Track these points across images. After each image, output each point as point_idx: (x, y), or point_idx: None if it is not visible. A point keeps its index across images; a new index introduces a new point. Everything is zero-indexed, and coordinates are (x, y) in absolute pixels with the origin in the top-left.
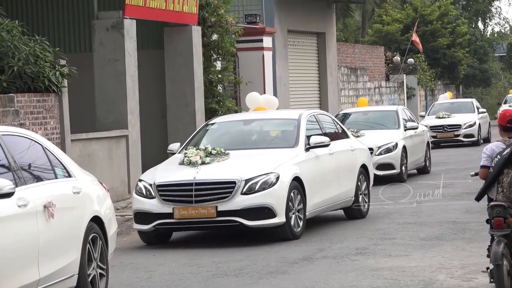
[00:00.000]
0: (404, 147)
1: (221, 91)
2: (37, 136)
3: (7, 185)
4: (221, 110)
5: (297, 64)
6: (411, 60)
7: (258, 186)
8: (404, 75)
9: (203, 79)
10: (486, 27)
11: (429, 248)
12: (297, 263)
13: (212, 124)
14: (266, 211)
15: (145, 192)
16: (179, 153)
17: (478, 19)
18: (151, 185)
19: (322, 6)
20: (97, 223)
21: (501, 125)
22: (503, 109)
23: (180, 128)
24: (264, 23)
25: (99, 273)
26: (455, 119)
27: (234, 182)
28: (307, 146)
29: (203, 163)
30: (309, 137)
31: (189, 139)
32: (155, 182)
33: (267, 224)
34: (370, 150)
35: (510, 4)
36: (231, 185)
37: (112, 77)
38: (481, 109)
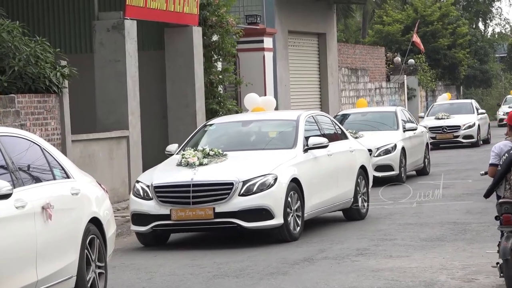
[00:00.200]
0: (403, 148)
1: (221, 92)
2: (35, 137)
3: (4, 186)
4: (221, 111)
5: (298, 65)
6: (411, 61)
7: (255, 188)
8: (405, 75)
9: (204, 80)
10: (486, 27)
11: (430, 249)
12: (298, 264)
13: (211, 125)
14: (264, 213)
15: (142, 194)
16: (177, 154)
17: (479, 20)
18: (148, 186)
19: (323, 7)
20: (95, 224)
21: (509, 125)
22: (502, 110)
23: (181, 128)
24: (265, 24)
25: (98, 274)
26: (454, 120)
27: (231, 184)
28: (305, 147)
29: (200, 164)
30: (308, 138)
31: (187, 140)
32: (152, 184)
33: (265, 225)
34: (368, 152)
35: (511, 4)
36: (228, 186)
37: (113, 78)
38: (481, 110)
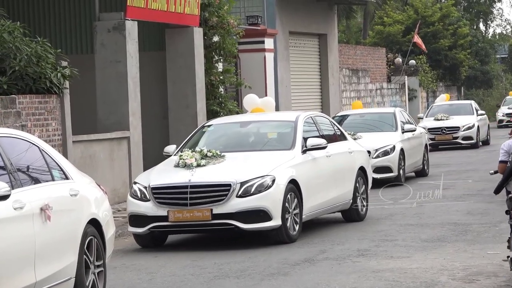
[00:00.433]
0: (402, 149)
1: (222, 92)
2: (33, 138)
3: (3, 187)
4: (222, 112)
5: (299, 66)
6: (412, 62)
7: (253, 189)
8: (406, 76)
9: (205, 81)
10: (487, 28)
11: (430, 249)
12: (298, 264)
13: (209, 126)
14: (262, 214)
15: (139, 195)
16: (174, 155)
17: (480, 21)
18: (146, 187)
19: (324, 8)
20: (94, 225)
21: None
22: (502, 111)
23: (182, 129)
24: (266, 25)
25: (97, 276)
26: (453, 121)
27: (229, 185)
28: (304, 148)
29: (198, 165)
30: (306, 139)
31: (185, 141)
32: (150, 185)
33: (263, 227)
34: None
35: None
36: (226, 187)
37: (114, 79)
38: (480, 111)
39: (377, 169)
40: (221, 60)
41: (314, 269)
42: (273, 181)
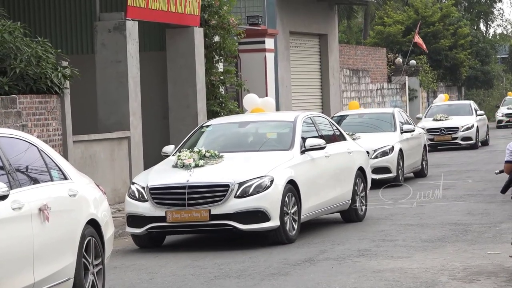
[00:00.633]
0: (401, 150)
1: (223, 92)
2: (32, 138)
3: (1, 187)
4: (223, 112)
5: (299, 66)
6: (413, 62)
7: (251, 190)
8: (406, 76)
9: (205, 81)
10: (488, 29)
11: (431, 249)
12: (299, 264)
13: (207, 126)
14: (260, 215)
15: (137, 195)
16: (173, 155)
17: (480, 21)
18: (143, 188)
19: (324, 8)
20: (93, 226)
21: None
22: (501, 111)
23: (182, 129)
24: (266, 25)
25: (96, 276)
26: (452, 121)
27: (227, 185)
28: (302, 149)
29: (196, 165)
30: (305, 139)
31: (183, 141)
32: (147, 185)
33: (261, 228)
34: None
35: None
36: (224, 188)
37: (114, 79)
38: (479, 112)
39: (376, 170)
40: (222, 60)
41: (314, 269)
42: (272, 181)
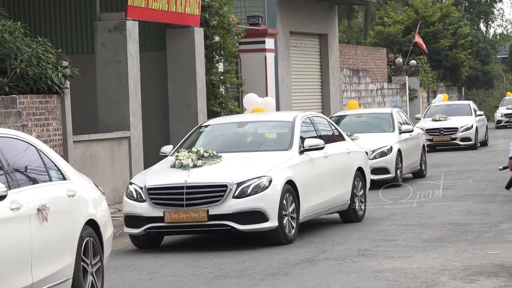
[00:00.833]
0: (399, 150)
1: (223, 92)
2: (31, 138)
3: None
4: (223, 112)
5: (299, 66)
6: (413, 62)
7: (250, 190)
8: (406, 76)
9: (205, 81)
10: (488, 28)
11: (431, 249)
12: (299, 264)
13: (206, 126)
14: (258, 215)
15: (135, 196)
16: (171, 155)
17: (481, 21)
18: (141, 188)
19: (325, 8)
20: (92, 226)
21: None
22: (500, 111)
23: (182, 129)
24: (267, 25)
25: (95, 277)
26: (451, 122)
27: (225, 186)
28: (301, 149)
29: (194, 166)
30: (304, 139)
31: (182, 141)
32: (145, 185)
33: (259, 228)
34: None
35: None
36: (222, 188)
37: (114, 79)
38: (479, 112)
39: (374, 170)
40: (222, 60)
41: (314, 269)
42: (270, 182)
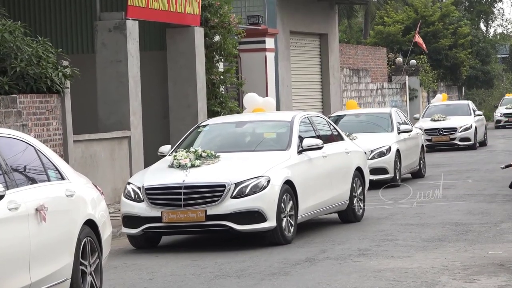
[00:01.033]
0: (398, 150)
1: (223, 92)
2: (29, 138)
3: None
4: (223, 112)
5: (300, 66)
6: (413, 62)
7: (248, 190)
8: (407, 76)
9: (205, 80)
10: (488, 28)
11: (431, 249)
12: (299, 264)
13: (204, 126)
14: (256, 215)
15: (133, 196)
16: (169, 155)
17: (481, 21)
18: (139, 188)
19: (325, 7)
20: (91, 226)
21: None
22: (499, 111)
23: (182, 129)
24: (267, 24)
25: (93, 277)
26: (450, 122)
27: (223, 186)
28: (299, 149)
29: (192, 166)
30: (302, 139)
31: (180, 141)
32: (143, 185)
33: (258, 228)
34: None
35: None
36: (220, 188)
37: (115, 78)
38: (478, 112)
39: (373, 171)
40: (222, 59)
41: (314, 268)
42: (268, 182)
